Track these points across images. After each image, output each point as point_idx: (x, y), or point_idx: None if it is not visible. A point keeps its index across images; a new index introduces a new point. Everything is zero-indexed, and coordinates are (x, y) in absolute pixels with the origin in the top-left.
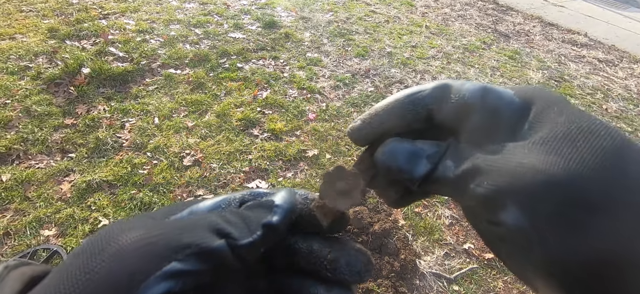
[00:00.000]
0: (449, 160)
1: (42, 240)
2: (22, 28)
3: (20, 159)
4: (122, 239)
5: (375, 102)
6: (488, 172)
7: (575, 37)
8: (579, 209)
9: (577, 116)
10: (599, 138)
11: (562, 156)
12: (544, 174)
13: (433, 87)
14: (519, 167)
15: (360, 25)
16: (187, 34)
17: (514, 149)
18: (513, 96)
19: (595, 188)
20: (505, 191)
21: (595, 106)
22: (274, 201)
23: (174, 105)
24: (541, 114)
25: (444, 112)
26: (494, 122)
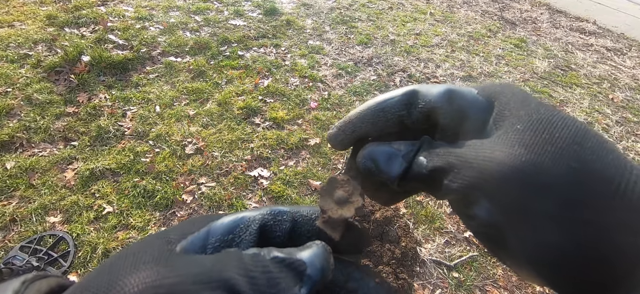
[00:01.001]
0: (422, 156)
1: (48, 226)
2: (20, 15)
3: (23, 147)
4: (128, 284)
5: (377, 90)
6: (459, 168)
7: (584, 25)
8: (543, 198)
9: (536, 108)
10: (557, 128)
11: (525, 146)
12: (508, 166)
13: (401, 94)
14: (486, 162)
15: (363, 12)
16: (187, 21)
17: (481, 145)
18: (476, 95)
19: (555, 176)
20: (476, 186)
21: (602, 95)
22: (305, 266)
23: (175, 93)
24: (504, 109)
25: (413, 117)
26: (461, 122)
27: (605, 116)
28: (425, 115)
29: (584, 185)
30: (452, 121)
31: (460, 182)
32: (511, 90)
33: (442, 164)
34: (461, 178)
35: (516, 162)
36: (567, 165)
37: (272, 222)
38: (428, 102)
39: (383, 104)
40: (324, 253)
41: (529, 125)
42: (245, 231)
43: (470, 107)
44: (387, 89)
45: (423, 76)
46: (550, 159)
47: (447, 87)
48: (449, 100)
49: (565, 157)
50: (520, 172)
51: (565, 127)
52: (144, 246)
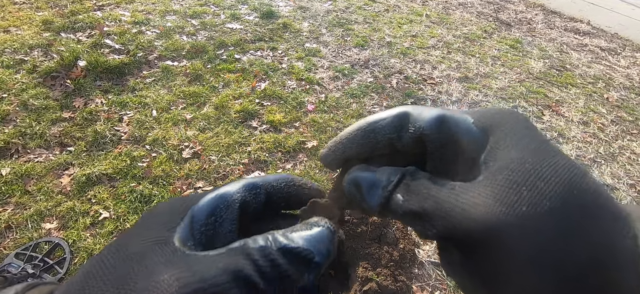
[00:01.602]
0: (399, 194)
1: (44, 233)
2: (16, 21)
3: (19, 153)
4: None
5: (374, 92)
6: (433, 217)
7: (578, 25)
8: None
9: (533, 150)
10: (548, 182)
11: (507, 205)
12: (484, 226)
13: (392, 116)
14: (463, 215)
15: (359, 15)
16: (184, 25)
17: (463, 192)
18: (471, 124)
19: (535, 247)
20: (449, 239)
21: (597, 95)
22: (313, 255)
23: (171, 97)
24: (498, 145)
25: (404, 141)
26: (451, 152)
27: (600, 115)
28: (416, 140)
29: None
30: (442, 150)
31: (434, 231)
32: (512, 121)
33: (417, 209)
34: (435, 228)
35: (493, 224)
36: (551, 235)
37: (249, 197)
38: (418, 127)
39: (373, 125)
40: (329, 235)
41: (518, 175)
42: (226, 210)
43: (463, 137)
44: (384, 90)
45: (420, 78)
46: (534, 224)
47: (440, 113)
48: (440, 127)
49: (552, 222)
50: (496, 235)
51: (557, 181)
52: (144, 247)
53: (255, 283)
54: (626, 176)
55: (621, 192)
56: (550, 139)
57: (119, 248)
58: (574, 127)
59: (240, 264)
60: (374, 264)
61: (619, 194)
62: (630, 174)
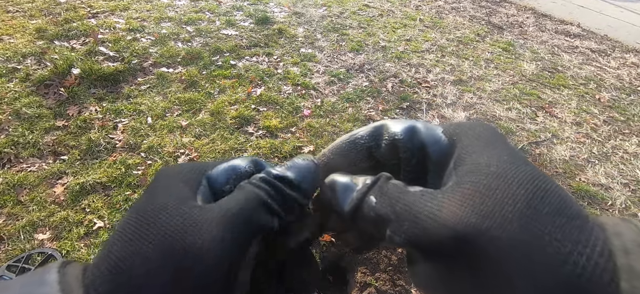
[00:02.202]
0: (373, 196)
1: (37, 244)
2: (9, 29)
3: (11, 162)
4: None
5: (370, 96)
6: (403, 220)
7: (569, 27)
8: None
9: (498, 157)
10: (513, 185)
11: (473, 208)
12: (450, 230)
13: (371, 128)
14: (430, 220)
15: (353, 20)
16: (179, 31)
17: (432, 196)
18: (439, 133)
19: (499, 249)
20: (416, 245)
21: (589, 95)
22: (301, 183)
23: (167, 104)
24: (464, 153)
25: (381, 150)
26: (422, 158)
27: (593, 115)
28: (391, 147)
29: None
30: (412, 156)
31: (402, 237)
32: (479, 130)
33: (387, 212)
34: (403, 232)
35: (459, 227)
36: (515, 236)
37: (257, 172)
38: (391, 135)
39: (353, 136)
40: (313, 166)
41: (483, 179)
42: (240, 179)
43: (431, 145)
44: (380, 94)
45: (414, 81)
46: (498, 225)
47: (411, 123)
48: (411, 135)
49: (515, 224)
50: (462, 239)
51: (520, 184)
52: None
53: (273, 206)
54: (620, 175)
55: (615, 191)
56: (516, 147)
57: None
58: (567, 127)
59: (257, 193)
60: (372, 269)
61: (614, 193)
62: (623, 174)
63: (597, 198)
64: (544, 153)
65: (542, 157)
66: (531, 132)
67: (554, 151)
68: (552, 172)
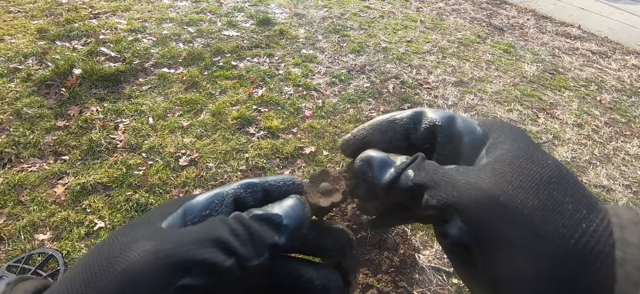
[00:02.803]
0: (411, 170)
1: (37, 244)
2: (10, 29)
3: (12, 162)
4: (131, 255)
5: (371, 97)
6: (441, 186)
7: (569, 29)
8: (512, 228)
9: (525, 145)
10: (537, 165)
11: (504, 178)
12: (485, 192)
13: (410, 112)
14: (466, 185)
15: (354, 21)
16: (180, 32)
17: (467, 170)
18: (476, 125)
19: (528, 210)
20: (452, 204)
21: (590, 97)
22: (282, 219)
23: (168, 105)
24: (497, 141)
25: (418, 133)
26: (457, 145)
27: (594, 117)
28: (429, 132)
29: (552, 223)
30: (449, 142)
31: (439, 198)
32: (508, 127)
33: (426, 180)
34: (440, 195)
35: (493, 190)
36: (540, 201)
37: (245, 194)
38: (432, 120)
39: (393, 116)
40: (299, 204)
41: (513, 158)
42: (221, 205)
43: (468, 133)
44: (381, 95)
45: (415, 82)
46: (525, 192)
47: (451, 113)
48: (450, 122)
49: (541, 193)
50: (494, 199)
51: (545, 166)
52: (130, 229)
53: (230, 243)
54: (621, 177)
55: (617, 193)
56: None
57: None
58: (568, 129)
59: (217, 229)
60: (374, 270)
61: (615, 195)
62: (625, 175)
63: (599, 200)
64: None
65: None
66: (532, 134)
67: (555, 152)
68: None
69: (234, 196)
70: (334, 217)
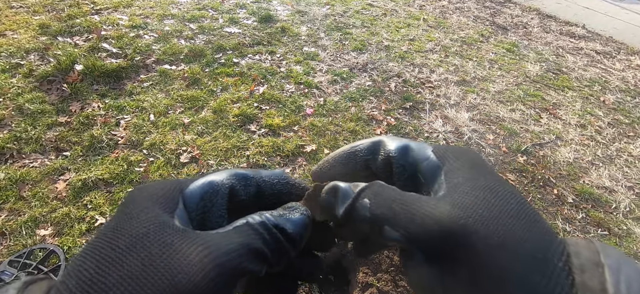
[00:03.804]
0: (367, 198)
1: (38, 240)
2: (12, 25)
3: (14, 158)
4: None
5: (373, 96)
6: (401, 217)
7: (573, 29)
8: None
9: (483, 174)
10: (497, 197)
11: (465, 212)
12: (445, 226)
13: (369, 142)
14: (427, 217)
15: (357, 19)
16: (182, 29)
17: (426, 200)
18: (430, 152)
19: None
20: (414, 240)
21: (593, 98)
22: (296, 237)
23: (169, 101)
24: (452, 168)
25: (377, 163)
26: (413, 173)
27: (597, 118)
28: (385, 163)
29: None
30: (404, 171)
31: (401, 232)
32: (465, 154)
33: (384, 211)
34: (402, 228)
35: (453, 224)
36: (501, 239)
37: (239, 186)
38: (387, 151)
39: (354, 148)
40: (307, 223)
41: (471, 189)
42: (216, 195)
43: (424, 163)
44: (383, 94)
45: (418, 81)
46: (485, 228)
47: (405, 142)
48: (404, 152)
49: (500, 229)
50: (455, 234)
51: (503, 198)
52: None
53: (265, 254)
54: (624, 178)
55: (619, 194)
56: (495, 169)
57: (117, 232)
58: (571, 129)
59: (253, 239)
60: (374, 270)
61: (618, 196)
62: (628, 177)
63: (601, 201)
64: (548, 155)
65: (546, 159)
66: (535, 134)
67: (558, 153)
68: (555, 174)
69: (229, 187)
70: None
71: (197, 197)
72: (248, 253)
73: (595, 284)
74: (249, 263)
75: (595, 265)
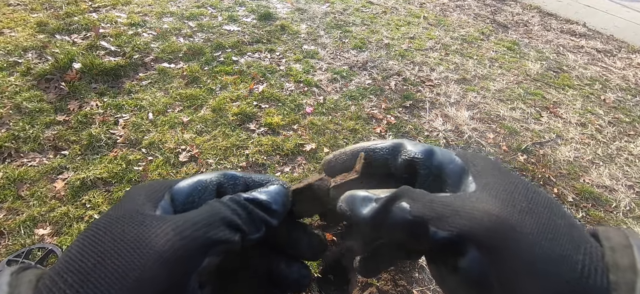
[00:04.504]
0: (405, 202)
1: (37, 239)
2: (10, 22)
3: (12, 157)
4: (156, 241)
5: (373, 94)
6: (446, 216)
7: (574, 27)
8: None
9: (506, 175)
10: (528, 191)
11: (508, 203)
12: (497, 217)
13: (390, 143)
14: (474, 211)
15: (357, 17)
16: (181, 26)
17: (465, 196)
18: (454, 156)
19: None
20: (465, 234)
21: (594, 96)
22: (271, 204)
23: (168, 100)
24: (479, 170)
25: (397, 164)
26: (438, 176)
27: (597, 116)
28: (408, 164)
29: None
30: (430, 174)
31: (450, 230)
32: (484, 159)
33: (428, 212)
34: (450, 226)
35: (503, 215)
36: (544, 226)
37: (227, 184)
38: (411, 154)
39: (374, 146)
40: (282, 190)
41: (504, 185)
42: (204, 191)
43: (450, 165)
44: (383, 92)
45: (418, 80)
46: (530, 217)
47: (429, 146)
48: (429, 155)
49: (542, 218)
50: (507, 224)
51: (534, 192)
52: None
53: (235, 221)
54: (624, 177)
55: (620, 193)
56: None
57: (101, 224)
58: (572, 128)
59: (222, 210)
60: None
61: (618, 195)
62: (628, 176)
63: (601, 200)
64: (548, 154)
65: (546, 157)
66: (535, 133)
67: (558, 151)
68: (556, 173)
69: (217, 184)
70: None
71: (184, 193)
72: (215, 223)
73: (626, 263)
74: (217, 231)
75: (625, 247)
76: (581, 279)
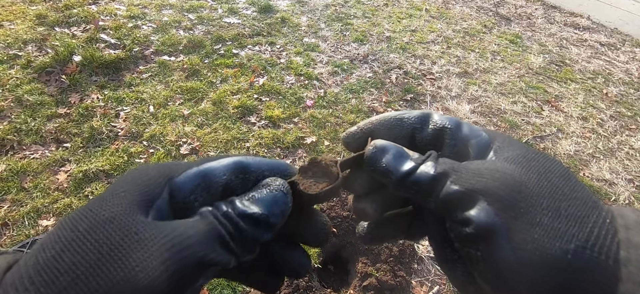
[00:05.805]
0: (430, 162)
1: (41, 230)
2: (9, 15)
3: (14, 149)
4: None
5: (373, 88)
6: (464, 173)
7: (578, 20)
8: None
9: (529, 149)
10: (548, 162)
11: (524, 167)
12: (508, 174)
13: (419, 113)
14: (493, 172)
15: (358, 9)
16: (181, 19)
17: (484, 162)
18: (481, 131)
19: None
20: (477, 188)
21: (596, 90)
22: (268, 218)
23: (169, 93)
24: (502, 146)
25: (424, 133)
26: (463, 148)
27: (599, 110)
28: (436, 133)
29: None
30: (456, 145)
31: (462, 183)
32: (508, 136)
33: (447, 169)
34: (464, 180)
35: (517, 174)
36: (559, 188)
37: (236, 182)
38: (440, 123)
39: (402, 115)
40: (281, 197)
41: (525, 156)
42: (207, 191)
43: (476, 137)
44: (383, 86)
45: (419, 73)
46: (546, 180)
47: (457, 119)
48: (458, 127)
49: (558, 183)
50: (519, 181)
51: (554, 163)
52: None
53: (230, 245)
54: (624, 171)
55: (619, 187)
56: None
57: (83, 214)
58: (573, 122)
59: (218, 229)
60: (373, 260)
61: (618, 189)
62: (628, 169)
63: (601, 193)
64: (549, 147)
65: (547, 151)
66: (536, 126)
67: (559, 145)
68: None
69: (224, 185)
70: (335, 207)
71: (187, 190)
72: (211, 242)
73: (639, 240)
74: (213, 254)
75: (639, 224)
76: (589, 239)
